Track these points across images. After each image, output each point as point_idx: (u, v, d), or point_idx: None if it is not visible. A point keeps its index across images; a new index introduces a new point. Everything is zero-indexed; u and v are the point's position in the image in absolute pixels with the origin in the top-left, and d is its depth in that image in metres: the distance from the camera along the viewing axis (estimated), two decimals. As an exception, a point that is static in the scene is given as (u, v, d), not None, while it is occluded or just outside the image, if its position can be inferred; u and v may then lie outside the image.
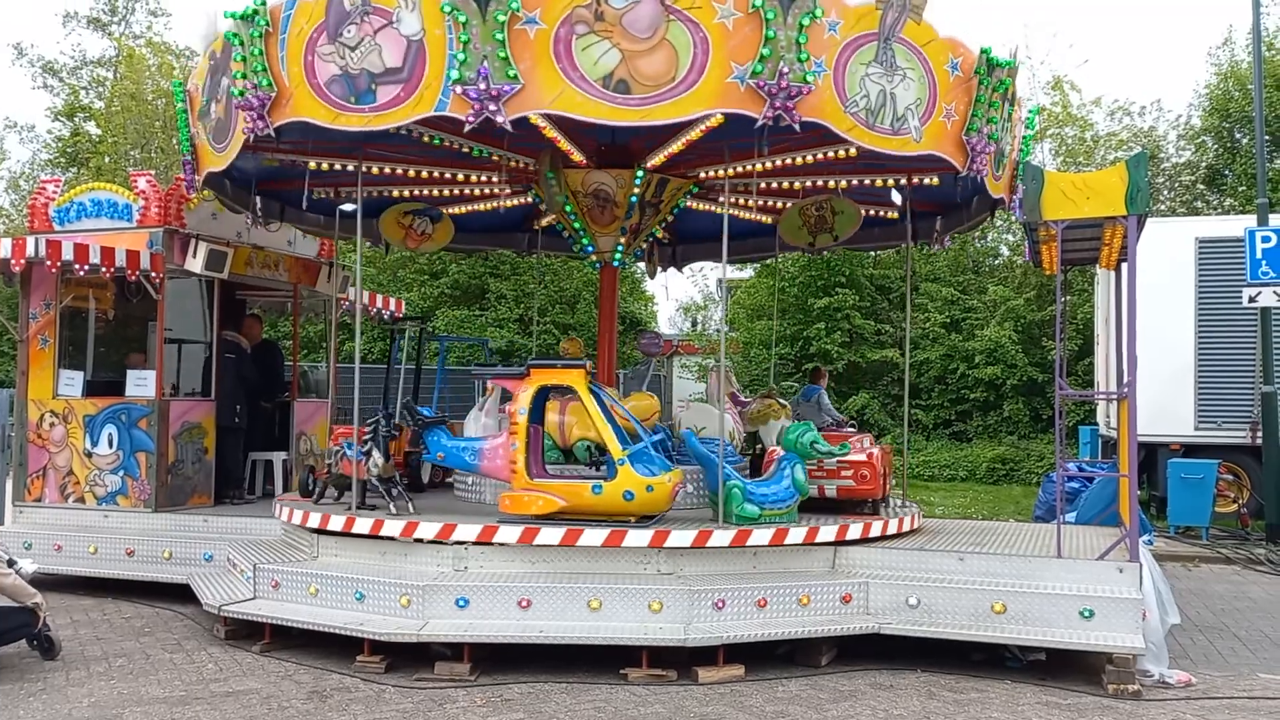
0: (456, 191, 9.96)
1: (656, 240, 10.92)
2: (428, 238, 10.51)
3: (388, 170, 8.99)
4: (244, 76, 6.60)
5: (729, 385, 8.95)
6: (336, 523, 7.28)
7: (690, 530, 6.80)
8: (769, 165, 8.44)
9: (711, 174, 9.01)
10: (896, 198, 8.90)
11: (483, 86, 6.09)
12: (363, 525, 7.17)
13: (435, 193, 9.92)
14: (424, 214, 10.29)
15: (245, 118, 6.69)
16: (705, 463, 7.50)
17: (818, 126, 6.48)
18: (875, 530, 7.37)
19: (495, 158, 8.77)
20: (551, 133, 7.74)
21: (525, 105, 6.23)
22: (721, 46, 6.17)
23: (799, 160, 8.42)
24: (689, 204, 9.65)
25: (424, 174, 9.21)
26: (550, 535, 6.77)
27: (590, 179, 8.70)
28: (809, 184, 9.52)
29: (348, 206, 9.36)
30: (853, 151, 7.45)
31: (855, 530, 7.21)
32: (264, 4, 6.52)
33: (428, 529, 6.94)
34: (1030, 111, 8.54)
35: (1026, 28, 50.53)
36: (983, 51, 6.91)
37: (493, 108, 6.14)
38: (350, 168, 8.29)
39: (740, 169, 8.66)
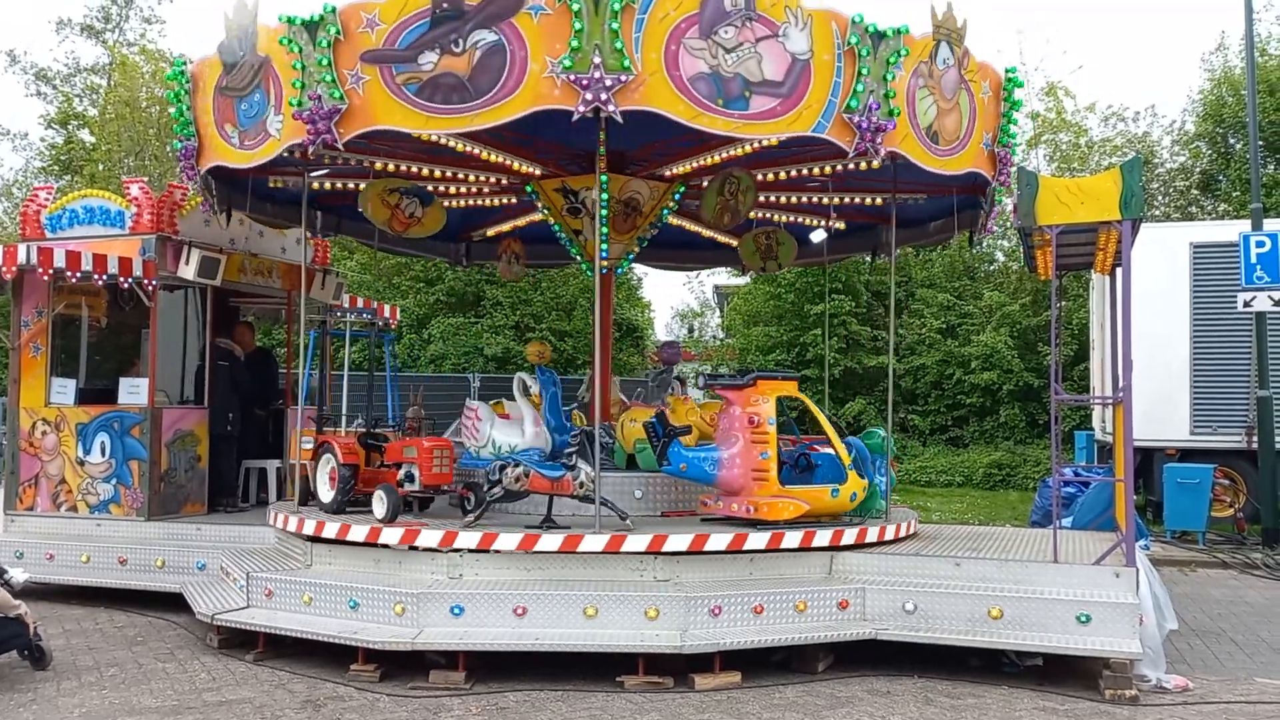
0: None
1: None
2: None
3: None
4: (579, 49, 6.04)
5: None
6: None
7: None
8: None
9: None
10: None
11: (872, 119, 6.48)
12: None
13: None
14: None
15: (585, 96, 6.09)
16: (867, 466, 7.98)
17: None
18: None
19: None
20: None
21: (890, 142, 6.71)
22: (981, 116, 7.43)
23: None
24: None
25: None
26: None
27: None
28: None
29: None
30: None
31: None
32: None
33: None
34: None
35: (1020, 33, 50.66)
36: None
37: (878, 141, 6.52)
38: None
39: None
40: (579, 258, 9.29)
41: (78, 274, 8.54)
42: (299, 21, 6.45)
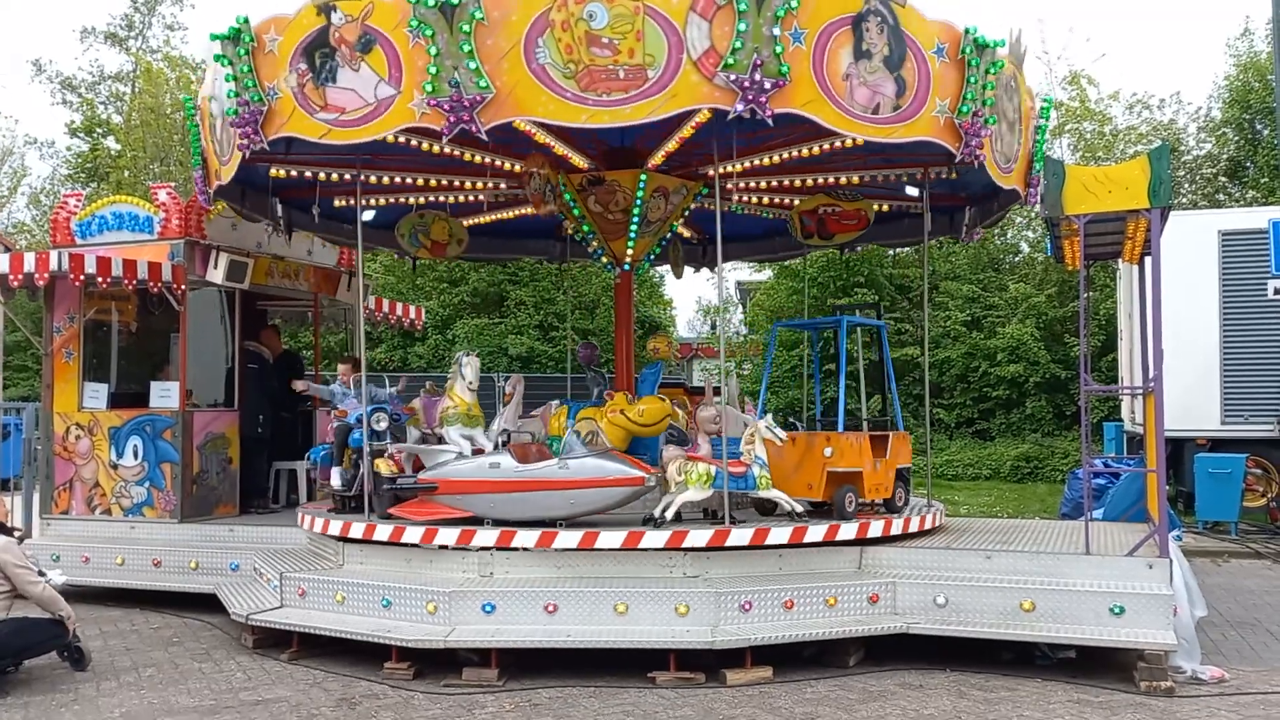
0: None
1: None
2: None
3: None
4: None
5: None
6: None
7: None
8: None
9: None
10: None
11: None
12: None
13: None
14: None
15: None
16: None
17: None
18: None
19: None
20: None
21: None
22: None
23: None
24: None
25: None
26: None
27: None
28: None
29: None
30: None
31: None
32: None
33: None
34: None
35: (1042, 23, 50.19)
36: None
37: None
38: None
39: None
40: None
41: (108, 280, 8.65)
42: None
